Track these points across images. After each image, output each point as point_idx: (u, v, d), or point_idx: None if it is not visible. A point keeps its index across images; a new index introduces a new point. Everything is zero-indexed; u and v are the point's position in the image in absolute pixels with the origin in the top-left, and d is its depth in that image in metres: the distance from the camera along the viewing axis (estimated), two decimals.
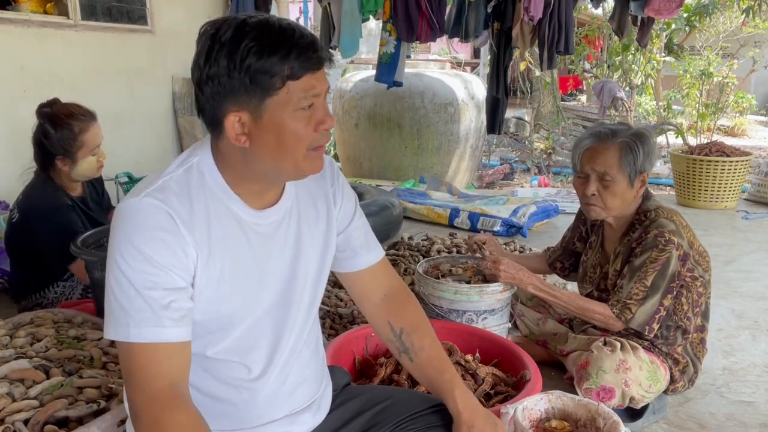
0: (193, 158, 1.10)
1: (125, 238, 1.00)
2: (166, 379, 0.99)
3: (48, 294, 2.55)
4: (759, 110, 12.88)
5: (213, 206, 1.07)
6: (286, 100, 1.01)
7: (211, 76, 1.00)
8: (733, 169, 5.10)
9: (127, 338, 0.99)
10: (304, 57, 1.00)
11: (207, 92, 1.02)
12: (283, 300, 1.17)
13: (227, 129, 1.02)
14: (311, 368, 1.24)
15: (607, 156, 1.98)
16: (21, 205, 2.51)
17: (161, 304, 0.99)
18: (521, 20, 4.10)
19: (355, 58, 6.77)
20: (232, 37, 0.98)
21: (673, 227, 1.96)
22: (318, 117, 1.05)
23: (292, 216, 1.18)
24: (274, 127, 1.02)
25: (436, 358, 1.32)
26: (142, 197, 1.02)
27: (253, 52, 0.97)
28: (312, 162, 1.08)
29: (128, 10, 4.45)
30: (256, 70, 0.98)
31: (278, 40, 0.99)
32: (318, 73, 1.03)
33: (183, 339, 1.02)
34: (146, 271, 0.99)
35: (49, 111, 2.42)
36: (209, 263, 1.06)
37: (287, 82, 1.00)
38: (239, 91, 0.99)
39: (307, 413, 1.22)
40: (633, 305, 1.96)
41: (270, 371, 1.16)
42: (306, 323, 1.22)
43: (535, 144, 8.10)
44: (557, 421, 1.56)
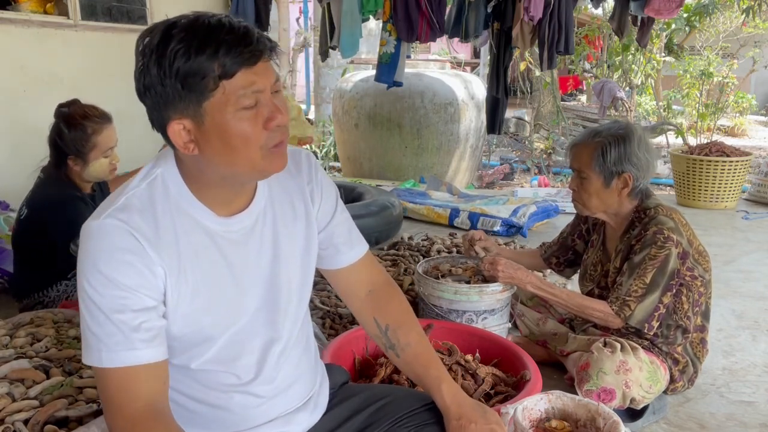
0: (156, 169, 1.06)
1: (90, 262, 0.98)
2: (143, 400, 0.99)
3: (50, 293, 2.56)
4: (759, 110, 12.87)
5: (179, 220, 1.04)
6: (223, 101, 0.95)
7: (147, 87, 0.96)
8: (733, 169, 5.10)
9: (100, 363, 0.98)
10: (235, 52, 0.94)
11: (148, 104, 0.98)
12: (268, 304, 1.14)
13: (172, 138, 0.98)
14: (303, 366, 1.23)
15: (583, 154, 2.03)
16: (31, 201, 2.52)
17: (131, 327, 0.98)
18: (521, 20, 4.10)
19: (355, 58, 6.76)
20: (159, 42, 0.94)
21: (672, 224, 1.97)
22: (265, 114, 0.98)
23: (267, 218, 1.14)
24: (217, 130, 0.97)
25: (422, 354, 1.31)
26: (103, 219, 0.99)
27: (180, 54, 0.92)
28: (272, 160, 1.02)
29: (128, 10, 4.45)
30: (186, 73, 0.93)
31: (205, 37, 0.93)
32: (256, 67, 0.96)
33: (157, 359, 1.01)
34: (113, 294, 0.97)
35: (66, 111, 2.45)
36: (180, 279, 1.03)
37: (220, 82, 0.94)
38: (174, 98, 0.95)
39: (303, 412, 1.22)
40: (632, 302, 1.96)
41: (260, 375, 1.14)
42: (294, 324, 1.20)
43: (535, 144, 8.10)
44: (557, 421, 1.56)
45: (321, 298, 2.71)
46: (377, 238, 3.74)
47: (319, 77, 9.01)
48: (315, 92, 9.26)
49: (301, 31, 8.93)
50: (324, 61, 5.22)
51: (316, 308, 2.60)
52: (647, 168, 2.01)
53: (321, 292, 2.76)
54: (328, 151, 7.58)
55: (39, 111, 3.92)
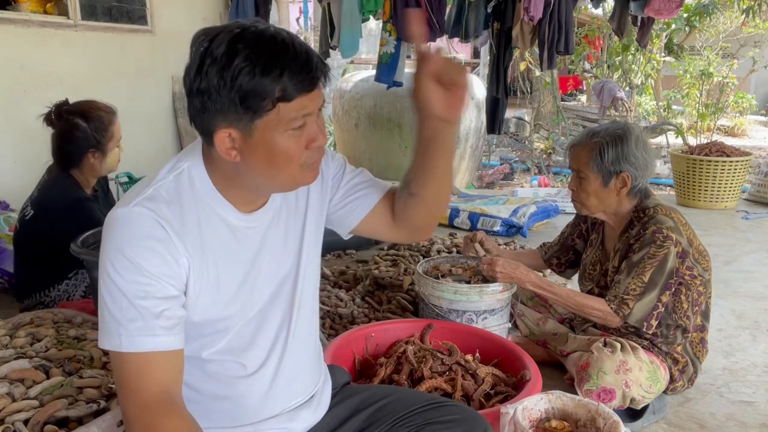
0: (183, 163, 1.09)
1: (116, 248, 0.99)
2: (159, 386, 1.00)
3: (51, 293, 2.56)
4: (759, 110, 12.87)
5: (204, 213, 1.07)
6: (276, 121, 0.99)
7: (201, 90, 0.98)
8: (733, 169, 5.10)
9: (119, 348, 0.99)
10: (297, 79, 0.97)
11: (197, 105, 1.00)
12: (278, 297, 1.18)
13: (217, 144, 1.01)
14: (307, 361, 1.25)
15: (581, 154, 2.04)
16: (37, 202, 2.51)
17: (153, 313, 0.99)
18: (521, 20, 4.10)
19: (355, 58, 6.76)
20: (225, 53, 0.95)
21: (672, 224, 1.97)
22: (309, 135, 1.03)
23: (281, 214, 1.19)
24: (264, 146, 1.00)
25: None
26: (132, 206, 1.01)
27: (245, 72, 0.95)
28: (307, 175, 1.08)
29: (128, 10, 4.45)
30: (247, 91, 0.96)
31: (271, 60, 0.95)
32: (312, 93, 1.00)
33: (175, 347, 1.02)
34: (138, 280, 0.99)
35: (73, 108, 2.45)
36: (202, 270, 1.06)
37: (278, 104, 0.97)
38: (229, 109, 0.97)
39: (307, 409, 1.23)
40: (630, 300, 1.96)
41: (265, 367, 1.17)
42: (301, 318, 1.22)
43: (535, 144, 8.10)
44: (557, 421, 1.56)
45: (321, 298, 2.70)
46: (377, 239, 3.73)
47: None
48: None
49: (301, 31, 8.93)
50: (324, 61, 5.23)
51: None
52: (645, 168, 2.01)
53: (321, 292, 2.76)
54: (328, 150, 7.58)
55: (39, 111, 3.91)
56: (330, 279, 3.01)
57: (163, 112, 4.97)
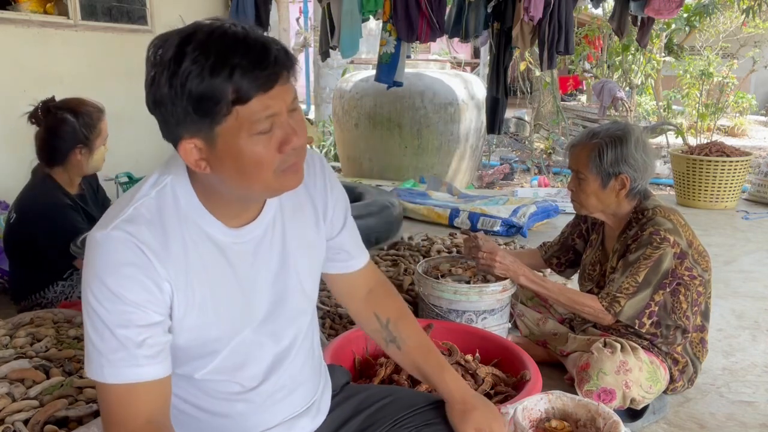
0: (166, 177, 1.03)
1: (95, 275, 0.95)
2: (144, 417, 0.97)
3: (48, 294, 2.55)
4: (759, 110, 12.87)
5: (188, 231, 1.01)
6: (237, 126, 0.91)
7: (157, 102, 0.92)
8: (733, 169, 5.10)
9: (102, 379, 0.96)
10: (251, 77, 0.88)
11: (158, 116, 0.94)
12: (275, 313, 1.13)
13: (183, 156, 0.95)
14: (306, 372, 1.22)
15: (580, 155, 2.04)
16: (19, 206, 2.50)
17: (135, 342, 0.96)
18: (521, 20, 4.10)
19: (355, 58, 6.76)
20: (172, 57, 0.88)
21: (670, 226, 1.97)
22: (280, 137, 0.94)
23: (276, 226, 1.11)
24: (230, 154, 0.93)
25: (423, 345, 1.33)
26: (110, 230, 0.96)
27: (193, 75, 0.87)
28: (286, 180, 0.99)
29: (128, 10, 4.45)
30: (198, 96, 0.88)
31: (220, 58, 0.87)
32: (272, 91, 0.91)
33: (160, 376, 0.99)
34: (118, 309, 0.95)
35: (61, 104, 2.44)
36: (188, 293, 1.01)
37: (233, 108, 0.89)
38: (186, 118, 0.91)
39: (306, 417, 1.21)
40: (622, 298, 1.97)
41: (264, 383, 1.13)
42: (299, 330, 1.19)
43: (535, 144, 8.10)
44: (557, 421, 1.56)
45: (321, 298, 2.71)
46: (377, 238, 3.73)
47: (319, 77, 9.00)
48: (315, 92, 9.26)
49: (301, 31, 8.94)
50: (324, 61, 5.22)
51: (316, 308, 2.59)
52: (644, 169, 2.01)
53: (321, 292, 2.75)
54: (328, 151, 7.59)
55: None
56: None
57: None
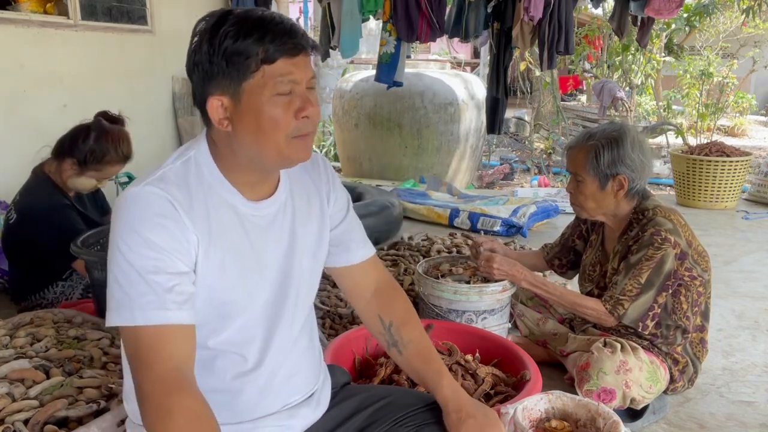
0: (190, 152, 1.12)
1: (128, 224, 1.01)
2: (172, 362, 1.00)
3: (48, 294, 2.55)
4: (759, 110, 12.87)
5: (211, 198, 1.09)
6: (261, 84, 1.03)
7: (196, 63, 1.04)
8: (733, 169, 5.10)
9: (132, 322, 0.99)
10: (279, 41, 1.02)
11: (194, 79, 1.06)
12: (280, 292, 1.19)
13: (210, 113, 1.05)
14: (306, 359, 1.25)
15: (577, 157, 2.04)
16: (18, 206, 2.50)
17: (165, 288, 1.00)
18: (521, 20, 4.10)
19: (355, 58, 6.77)
20: (214, 24, 1.03)
21: (670, 226, 1.96)
22: (297, 104, 1.05)
23: (287, 209, 1.20)
24: (252, 111, 1.04)
25: (424, 350, 1.35)
26: (143, 186, 1.04)
27: (230, 35, 1.01)
28: (297, 149, 1.08)
29: (128, 10, 4.45)
30: (232, 52, 1.01)
31: (255, 24, 1.02)
32: (295, 58, 1.04)
33: (187, 322, 1.03)
34: (149, 255, 1.00)
35: (107, 126, 2.45)
36: (210, 251, 1.07)
37: (262, 66, 1.02)
38: (218, 74, 1.03)
39: (306, 407, 1.23)
40: (626, 301, 1.97)
41: (265, 362, 1.17)
42: (300, 316, 1.24)
43: (535, 144, 8.10)
44: (557, 421, 1.56)
45: (321, 298, 2.71)
46: (377, 238, 3.73)
47: (319, 77, 9.00)
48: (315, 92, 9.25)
49: None
50: (324, 61, 5.23)
51: (316, 308, 2.60)
52: (642, 170, 2.01)
53: (321, 292, 2.76)
54: (328, 151, 7.58)
55: (39, 111, 3.93)
56: (330, 279, 3.01)
57: (163, 112, 4.97)
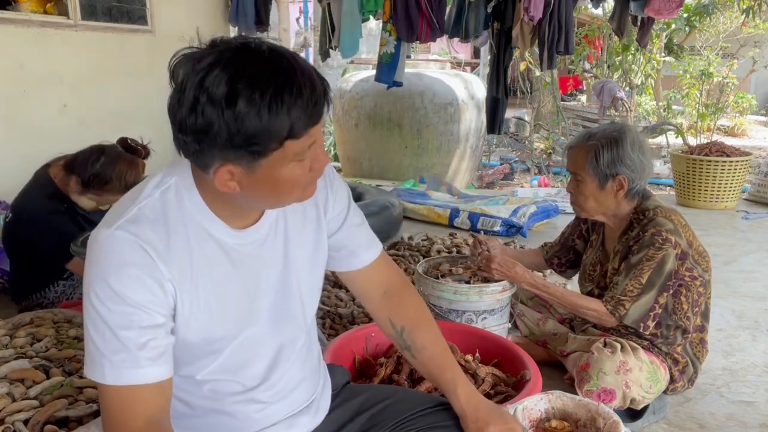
0: (170, 178, 1.03)
1: (98, 275, 0.95)
2: (144, 418, 0.97)
3: (48, 294, 2.55)
4: (759, 110, 12.87)
5: (192, 231, 1.02)
6: (282, 157, 0.94)
7: (197, 130, 0.90)
8: (733, 169, 5.10)
9: (103, 380, 0.96)
10: (305, 115, 0.91)
11: (191, 142, 0.92)
12: (277, 313, 1.14)
13: (215, 178, 0.95)
14: (306, 371, 1.22)
15: (577, 157, 2.04)
16: (15, 207, 2.50)
17: (137, 344, 0.95)
18: (521, 20, 4.10)
19: (355, 58, 6.77)
20: (225, 95, 0.88)
21: (671, 226, 1.96)
22: (313, 157, 0.99)
23: (279, 227, 1.13)
24: (269, 180, 0.96)
25: (438, 356, 1.30)
26: (114, 230, 0.96)
27: (251, 116, 0.88)
28: (309, 192, 1.05)
29: (128, 10, 4.45)
30: (253, 135, 0.89)
31: (277, 97, 0.88)
32: (318, 124, 0.95)
33: (161, 378, 0.98)
34: (121, 310, 0.95)
35: (121, 154, 2.41)
36: (192, 293, 1.01)
37: (285, 142, 0.92)
38: (229, 149, 0.91)
39: (306, 416, 1.21)
40: (627, 302, 1.97)
41: (265, 382, 1.14)
42: (301, 330, 1.20)
43: (535, 144, 8.10)
44: (557, 421, 1.55)
45: (321, 298, 2.70)
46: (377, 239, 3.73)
47: None
48: None
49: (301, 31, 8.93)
50: (324, 61, 5.22)
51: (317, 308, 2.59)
52: (642, 170, 2.01)
53: (321, 292, 2.76)
54: (328, 151, 7.59)
55: (39, 111, 3.94)
56: (330, 279, 3.01)
57: (163, 112, 4.86)
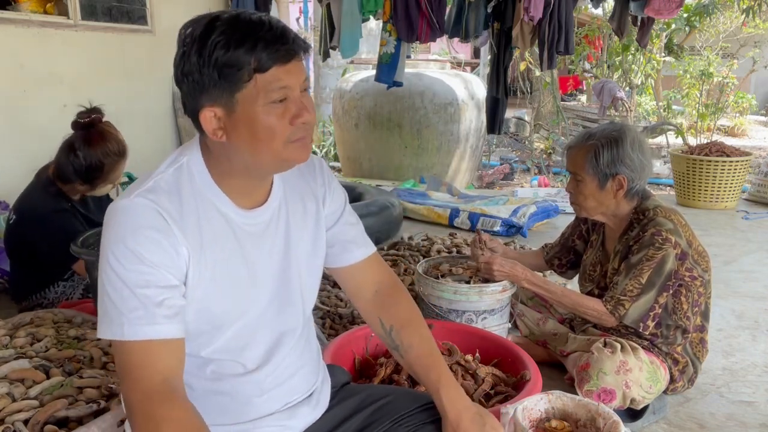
0: (182, 158, 1.11)
1: (117, 238, 1.01)
2: (161, 375, 1.00)
3: (48, 294, 2.55)
4: (759, 110, 12.87)
5: (203, 206, 1.08)
6: (254, 94, 1.01)
7: (186, 73, 1.01)
8: (733, 169, 5.10)
9: (121, 337, 1.00)
10: (272, 49, 0.99)
11: (184, 89, 1.04)
12: (277, 298, 1.18)
13: (203, 124, 1.03)
14: (305, 359, 1.25)
15: (577, 157, 2.04)
16: (18, 208, 2.50)
17: (154, 302, 1.00)
18: (521, 20, 4.10)
19: (355, 58, 6.76)
20: (202, 32, 1.00)
21: (671, 226, 1.97)
22: (293, 110, 1.04)
23: (281, 214, 1.19)
24: (247, 121, 1.02)
25: (424, 356, 1.31)
26: (133, 197, 1.03)
27: (220, 45, 0.98)
28: (294, 151, 1.07)
29: (128, 10, 4.45)
30: (223, 63, 0.99)
31: (245, 32, 0.99)
32: (288, 65, 1.02)
33: (177, 335, 1.03)
34: (139, 270, 1.00)
35: (87, 136, 2.38)
36: (201, 262, 1.07)
37: (254, 75, 1.00)
38: (210, 86, 1.00)
39: (306, 406, 1.23)
40: (627, 301, 1.97)
41: (264, 366, 1.17)
42: (300, 319, 1.24)
43: (535, 144, 8.10)
44: (557, 421, 1.56)
45: (321, 298, 2.71)
46: (377, 238, 3.73)
47: (319, 77, 9.01)
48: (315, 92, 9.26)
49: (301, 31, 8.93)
50: (324, 61, 5.22)
51: (316, 308, 2.60)
52: (642, 170, 2.01)
53: (321, 292, 2.76)
54: (328, 151, 7.58)
55: (39, 111, 3.94)
56: (330, 279, 3.01)
57: (163, 112, 4.97)
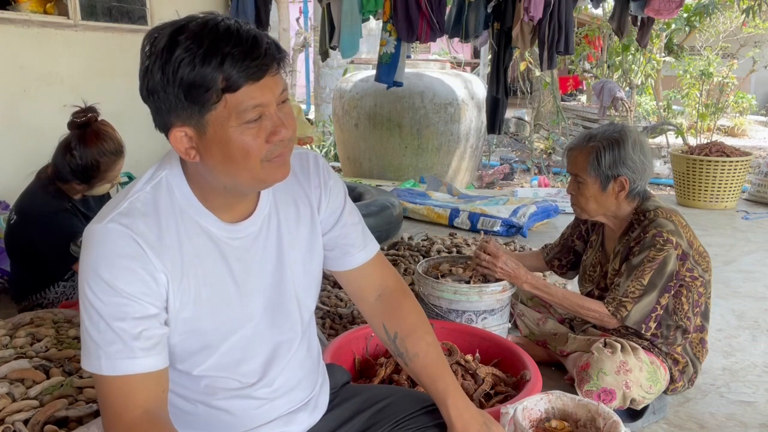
0: (161, 172, 1.05)
1: (91, 268, 0.96)
2: (141, 408, 0.98)
3: (48, 294, 2.55)
4: (759, 110, 12.87)
5: (183, 224, 1.03)
6: (226, 115, 0.93)
7: (150, 90, 0.94)
8: (733, 169, 5.10)
9: (99, 371, 0.97)
10: (241, 66, 0.90)
11: (150, 106, 0.96)
12: (270, 309, 1.13)
13: (174, 144, 0.97)
14: (305, 369, 1.22)
15: (578, 158, 2.04)
16: (19, 208, 2.50)
17: (132, 335, 0.97)
18: (521, 20, 4.10)
19: (355, 58, 6.76)
20: (165, 46, 0.91)
21: (672, 227, 1.97)
22: (268, 128, 0.96)
23: (271, 223, 1.13)
24: (219, 142, 0.95)
25: (430, 366, 1.26)
26: (106, 223, 0.97)
27: (185, 63, 0.89)
28: (272, 171, 1.00)
29: (128, 10, 4.45)
30: (189, 83, 0.90)
31: (211, 47, 0.89)
32: (261, 81, 0.93)
33: (156, 367, 0.99)
34: (114, 302, 0.96)
35: (83, 135, 2.37)
36: (182, 285, 1.02)
37: (224, 96, 0.91)
38: (177, 105, 0.93)
39: (303, 412, 1.21)
40: (628, 303, 1.97)
41: (263, 379, 1.14)
42: (299, 328, 1.19)
43: (535, 144, 8.10)
44: (557, 421, 1.56)
45: (321, 298, 2.71)
46: (377, 239, 3.69)
47: (319, 77, 9.01)
48: (315, 92, 9.27)
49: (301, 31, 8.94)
50: (324, 61, 5.23)
51: (317, 308, 2.60)
52: (643, 171, 2.01)
53: (321, 292, 2.76)
54: (328, 151, 7.59)
55: (39, 111, 3.94)
56: (330, 279, 3.01)
57: None
